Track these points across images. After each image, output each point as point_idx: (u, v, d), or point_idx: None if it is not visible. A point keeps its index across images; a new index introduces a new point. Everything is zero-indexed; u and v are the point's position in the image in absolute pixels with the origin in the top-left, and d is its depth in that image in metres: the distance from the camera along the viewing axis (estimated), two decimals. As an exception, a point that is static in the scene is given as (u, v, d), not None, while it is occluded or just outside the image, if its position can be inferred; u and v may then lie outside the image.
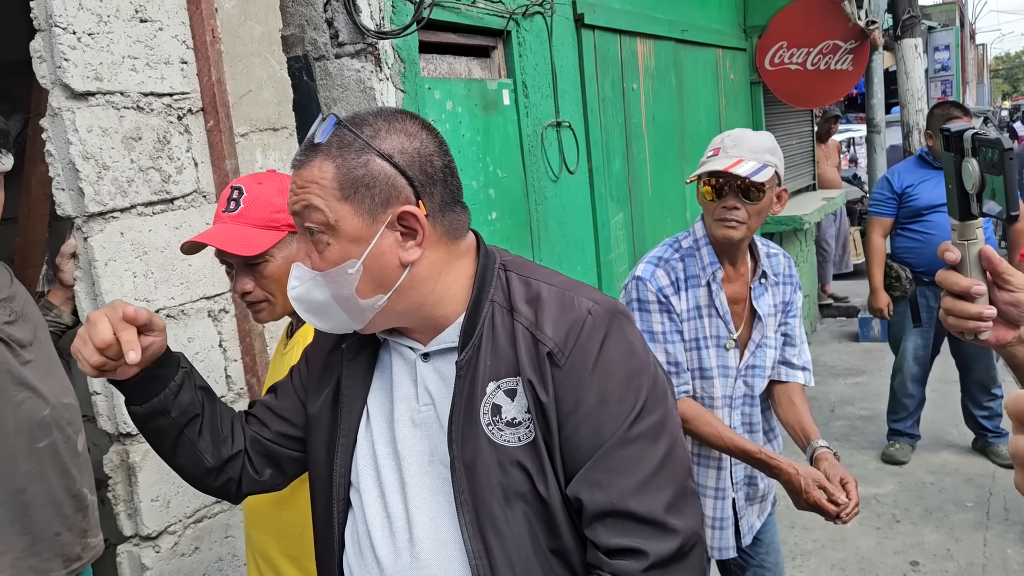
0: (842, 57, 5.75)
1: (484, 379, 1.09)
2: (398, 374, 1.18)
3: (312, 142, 1.08)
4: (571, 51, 3.58)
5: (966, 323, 0.99)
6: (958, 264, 0.99)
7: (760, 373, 2.20)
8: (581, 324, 1.07)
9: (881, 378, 5.68)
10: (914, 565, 3.49)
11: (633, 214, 4.13)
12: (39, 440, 1.65)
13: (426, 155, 1.08)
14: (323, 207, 1.05)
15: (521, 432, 1.07)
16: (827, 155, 7.92)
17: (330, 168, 1.05)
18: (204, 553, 2.08)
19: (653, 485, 1.04)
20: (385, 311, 1.10)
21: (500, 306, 1.12)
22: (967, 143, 0.94)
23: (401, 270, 1.07)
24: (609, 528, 1.04)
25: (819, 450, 2.09)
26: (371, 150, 1.05)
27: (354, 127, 1.07)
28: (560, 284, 1.14)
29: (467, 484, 1.07)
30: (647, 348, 1.13)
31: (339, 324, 1.13)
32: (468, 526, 1.07)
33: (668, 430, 1.09)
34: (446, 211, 1.10)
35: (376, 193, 1.05)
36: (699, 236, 2.12)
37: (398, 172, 1.05)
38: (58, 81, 1.79)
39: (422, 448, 1.14)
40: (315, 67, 2.56)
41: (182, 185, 2.04)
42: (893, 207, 4.31)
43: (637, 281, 2.09)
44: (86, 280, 1.86)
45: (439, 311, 1.13)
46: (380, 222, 1.05)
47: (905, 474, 4.33)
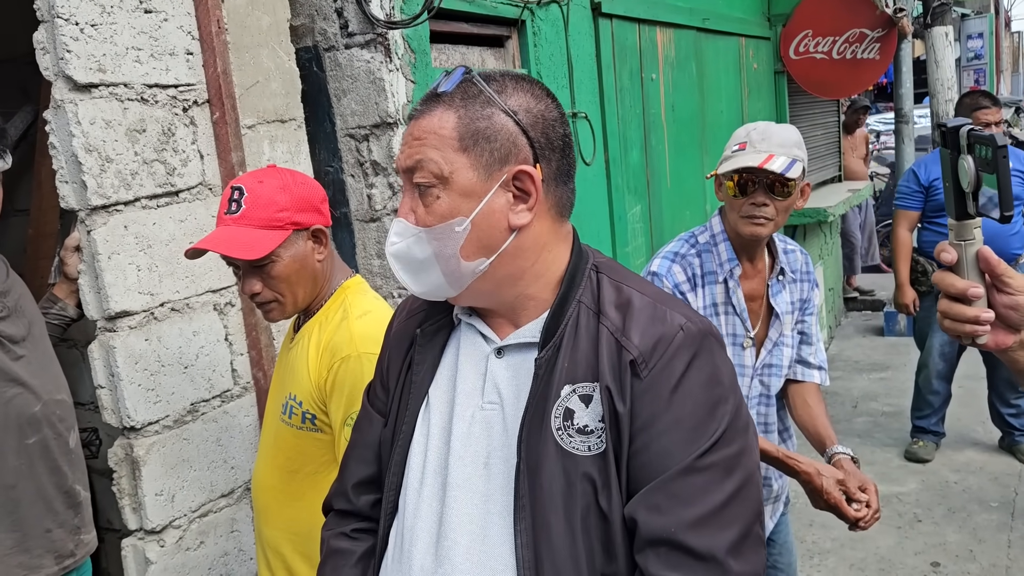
0: (869, 46, 5.62)
1: (560, 381, 1.04)
2: (465, 365, 1.13)
3: (435, 92, 1.05)
4: (588, 40, 3.53)
5: (963, 327, 0.95)
6: (955, 265, 0.95)
7: (777, 372, 2.15)
8: (671, 339, 1.02)
9: (906, 374, 5.58)
10: (935, 566, 3.42)
11: (651, 206, 4.08)
12: (28, 436, 1.65)
13: (549, 119, 1.06)
14: (438, 158, 1.03)
15: (592, 441, 1.02)
16: (854, 146, 7.79)
17: (451, 118, 1.03)
18: (209, 548, 2.07)
19: (715, 521, 0.98)
20: (484, 278, 1.07)
21: (587, 308, 1.08)
22: (963, 139, 0.90)
23: (508, 234, 1.05)
24: (661, 558, 0.98)
25: (837, 456, 2.04)
26: (496, 103, 1.03)
27: (482, 79, 1.05)
28: (653, 295, 1.09)
29: (528, 488, 1.03)
30: (734, 378, 1.07)
31: (433, 287, 1.09)
32: (523, 533, 1.02)
33: (743, 467, 1.02)
34: (559, 183, 1.08)
35: (496, 147, 1.02)
36: (716, 231, 2.07)
37: (520, 130, 1.03)
38: (61, 73, 1.77)
39: (478, 449, 1.08)
40: (324, 58, 2.53)
41: (187, 178, 2.02)
42: (920, 200, 4.22)
43: (652, 276, 2.04)
44: (89, 274, 1.85)
45: (531, 291, 1.10)
46: (495, 179, 1.03)
47: (928, 472, 4.25)
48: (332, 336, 1.57)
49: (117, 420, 1.91)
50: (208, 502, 2.07)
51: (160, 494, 1.95)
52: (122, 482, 1.93)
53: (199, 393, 2.04)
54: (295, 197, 1.58)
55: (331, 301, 1.66)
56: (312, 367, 1.57)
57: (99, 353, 1.88)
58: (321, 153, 2.61)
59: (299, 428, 1.60)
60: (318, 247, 1.62)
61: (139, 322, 1.91)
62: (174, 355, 1.98)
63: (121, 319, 1.87)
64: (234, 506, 2.13)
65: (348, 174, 2.61)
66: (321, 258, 1.63)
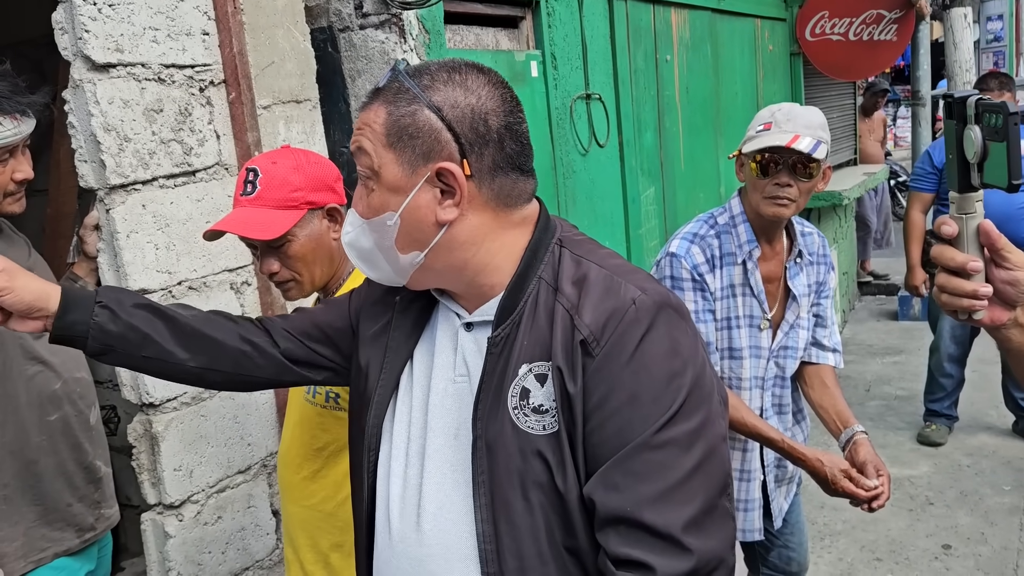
0: (886, 27, 5.57)
1: (518, 360, 1.04)
2: (441, 339, 1.15)
3: (376, 87, 1.07)
4: (602, 21, 3.51)
5: (960, 301, 0.94)
6: (955, 239, 0.94)
7: (792, 354, 2.16)
8: (623, 314, 1.00)
9: (920, 358, 5.57)
10: (946, 548, 3.43)
11: (665, 188, 4.07)
12: (50, 413, 1.67)
13: (481, 112, 1.03)
14: (371, 151, 1.04)
15: (546, 420, 1.02)
16: (871, 129, 7.73)
17: (383, 113, 1.04)
18: (227, 522, 2.11)
19: (674, 497, 0.96)
20: (424, 269, 1.08)
21: (547, 284, 1.07)
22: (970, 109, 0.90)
23: (437, 228, 1.04)
24: (621, 536, 0.97)
25: (857, 435, 2.05)
26: (421, 100, 1.02)
27: (411, 75, 1.04)
28: (612, 268, 1.07)
29: (487, 465, 1.04)
30: (696, 347, 1.04)
31: (385, 275, 1.12)
32: (482, 508, 1.04)
33: (705, 439, 1.00)
34: (497, 175, 1.05)
35: (418, 144, 1.02)
36: (736, 212, 2.06)
37: (445, 126, 1.02)
38: (79, 53, 1.79)
39: (449, 421, 1.11)
40: (339, 38, 2.54)
41: (204, 158, 2.04)
42: (934, 182, 4.20)
43: (671, 258, 2.04)
44: (108, 252, 1.88)
45: (483, 279, 1.09)
46: (419, 175, 1.03)
47: (941, 456, 4.25)
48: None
49: (136, 397, 1.94)
50: (225, 478, 2.10)
51: (179, 469, 1.98)
52: (141, 458, 1.96)
53: (216, 371, 2.06)
54: (309, 177, 1.60)
55: (350, 280, 1.68)
56: None
57: (118, 330, 1.90)
58: (335, 134, 2.62)
59: (323, 407, 1.62)
60: (333, 225, 1.64)
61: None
62: (191, 333, 2.00)
63: (140, 297, 1.89)
64: (251, 482, 2.17)
65: (362, 155, 2.62)
66: (337, 236, 1.64)
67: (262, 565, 2.20)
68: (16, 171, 1.65)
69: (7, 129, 1.59)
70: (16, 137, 1.62)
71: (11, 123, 1.61)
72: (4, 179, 1.63)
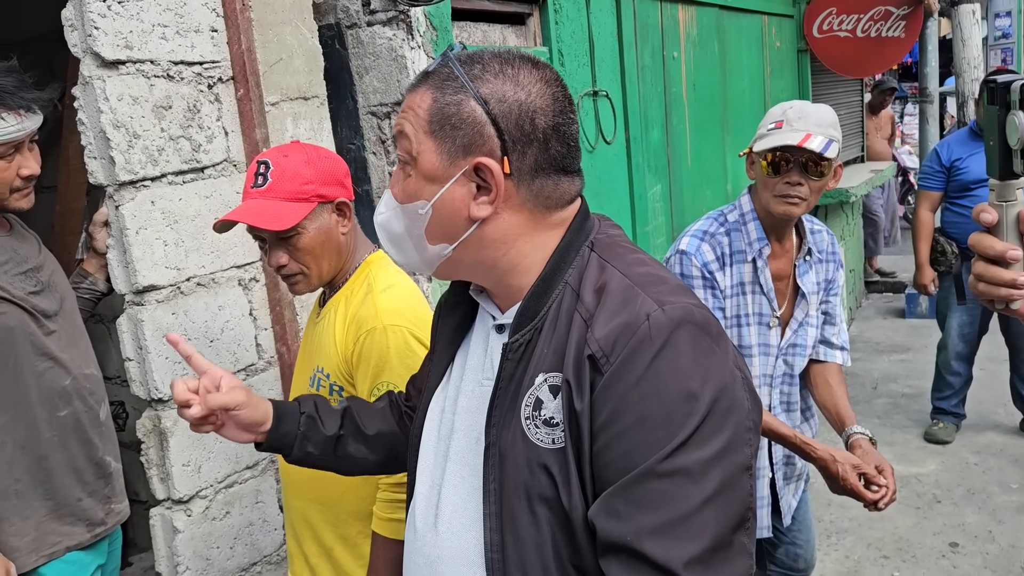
0: (894, 24, 5.55)
1: (536, 368, 1.00)
2: (475, 341, 1.14)
3: (426, 71, 1.05)
4: (610, 18, 3.51)
5: (997, 290, 0.91)
6: (994, 227, 0.91)
7: (801, 352, 2.16)
8: (634, 330, 0.93)
9: (927, 355, 5.56)
10: (953, 546, 3.43)
11: (671, 185, 4.07)
12: (60, 409, 1.68)
13: (528, 110, 0.99)
14: (411, 135, 1.02)
15: (556, 434, 0.97)
16: (878, 127, 7.71)
17: (428, 99, 1.01)
18: (235, 518, 2.11)
19: (679, 531, 0.89)
20: (452, 262, 1.06)
21: (572, 289, 1.01)
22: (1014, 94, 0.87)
23: (468, 224, 1.02)
24: (622, 564, 0.91)
25: (855, 436, 2.04)
26: (469, 89, 0.99)
27: (462, 63, 1.01)
28: (635, 276, 1.00)
29: (498, 474, 1.01)
30: (723, 367, 0.95)
31: (411, 261, 1.10)
32: (491, 517, 1.01)
33: (722, 468, 0.91)
34: (538, 176, 1.01)
35: (460, 135, 0.99)
36: (746, 210, 2.06)
37: (489, 120, 0.99)
38: (89, 49, 1.80)
39: (473, 424, 1.08)
40: (347, 35, 2.54)
41: (212, 154, 2.04)
42: (941, 181, 4.18)
43: (681, 255, 2.03)
44: (118, 248, 1.89)
45: (512, 279, 1.06)
46: (457, 167, 1.00)
47: (948, 454, 4.24)
48: (358, 310, 1.59)
49: (145, 392, 1.95)
50: (233, 473, 2.11)
51: (187, 465, 1.99)
52: (150, 453, 1.97)
53: (224, 366, 2.07)
54: (320, 170, 1.60)
55: (355, 275, 1.69)
56: (339, 340, 1.60)
57: (127, 326, 1.91)
58: (343, 130, 2.62)
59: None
60: (342, 220, 1.64)
61: (166, 296, 1.94)
62: (200, 329, 2.01)
63: (149, 293, 1.90)
64: (259, 477, 2.17)
65: (370, 151, 2.63)
66: (345, 231, 1.65)
67: (270, 560, 2.21)
68: (22, 167, 1.65)
69: (10, 125, 1.59)
70: (20, 133, 1.62)
71: (15, 119, 1.61)
72: (9, 175, 1.63)
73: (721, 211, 2.12)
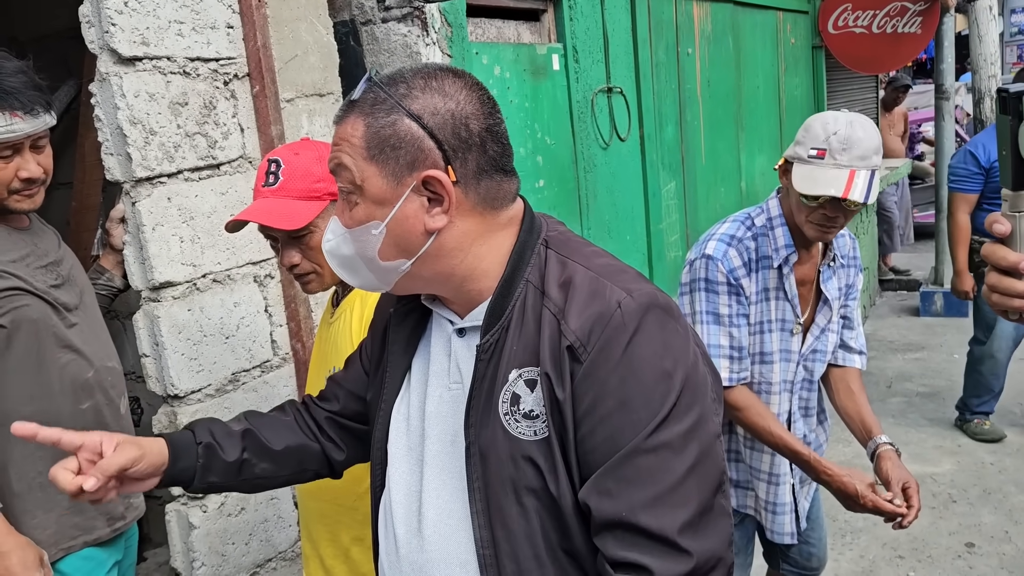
0: (910, 19, 5.51)
1: (508, 365, 1.03)
2: (435, 347, 1.15)
3: (350, 99, 1.05)
4: (624, 14, 3.50)
5: (1012, 301, 0.92)
6: (1008, 238, 0.91)
7: (821, 358, 2.13)
8: (608, 318, 0.98)
9: (941, 354, 5.51)
10: (969, 547, 3.40)
11: (685, 183, 4.05)
12: (82, 402, 1.69)
13: (461, 117, 1.02)
14: (351, 166, 1.03)
15: (537, 426, 1.01)
16: (891, 124, 7.65)
17: (360, 126, 1.02)
18: (250, 514, 2.12)
19: (669, 500, 0.96)
20: (411, 276, 1.07)
21: (534, 287, 1.05)
22: None
23: (426, 237, 1.03)
24: (617, 539, 0.97)
25: (882, 448, 2.02)
26: (400, 109, 1.01)
27: (387, 85, 1.03)
28: (598, 269, 1.05)
29: (481, 472, 1.04)
30: (687, 345, 1.03)
31: (367, 282, 1.11)
32: (479, 515, 1.04)
33: (699, 439, 0.99)
34: (482, 178, 1.04)
35: (402, 155, 1.01)
36: (774, 215, 2.00)
37: (427, 134, 1.00)
38: (105, 46, 1.80)
39: (446, 428, 1.11)
40: (361, 32, 2.54)
41: (228, 151, 2.04)
42: (979, 182, 4.06)
43: (707, 260, 1.98)
44: (134, 244, 1.89)
45: (470, 284, 1.08)
46: (405, 185, 1.01)
47: (964, 453, 4.21)
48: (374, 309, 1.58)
49: (161, 388, 1.95)
50: (249, 470, 2.11)
51: (203, 461, 1.99)
52: (166, 449, 1.97)
53: (240, 363, 2.08)
54: None
55: None
56: (356, 340, 1.59)
57: (144, 323, 1.92)
58: (358, 127, 2.62)
59: None
60: None
61: (182, 292, 1.94)
62: (216, 325, 2.02)
63: (165, 289, 1.91)
64: (273, 474, 2.18)
65: (384, 148, 2.62)
66: None
67: (285, 556, 2.22)
68: (21, 169, 1.63)
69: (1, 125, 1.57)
70: (12, 135, 1.57)
71: (6, 120, 1.57)
72: (7, 175, 1.61)
73: (748, 214, 2.06)
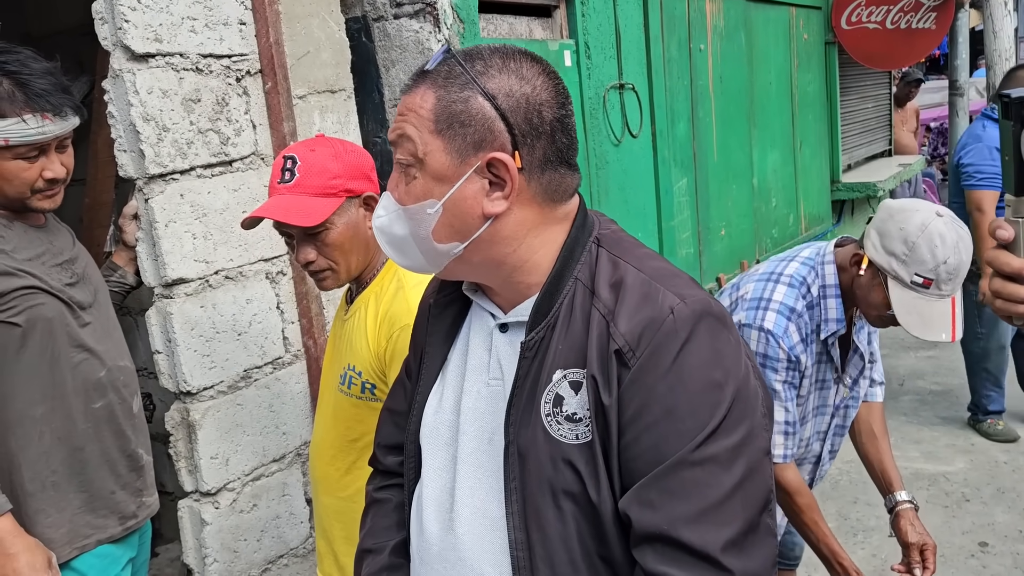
0: (924, 15, 5.46)
1: (552, 365, 1.00)
2: (475, 340, 1.12)
3: (422, 69, 1.03)
4: (636, 10, 3.48)
5: (1015, 307, 0.92)
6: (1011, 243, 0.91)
7: (855, 404, 2.10)
8: (660, 324, 0.95)
9: (954, 352, 5.47)
10: (983, 546, 3.37)
11: (697, 180, 4.03)
12: (95, 401, 1.69)
13: (535, 103, 0.99)
14: (416, 137, 1.00)
15: (580, 429, 0.98)
16: (904, 120, 7.59)
17: (431, 98, 0.99)
18: (262, 510, 2.12)
19: (713, 517, 0.92)
20: (461, 260, 1.04)
21: (584, 286, 1.02)
22: None
23: (481, 221, 1.00)
24: (657, 553, 0.93)
25: (901, 506, 2.00)
26: (475, 86, 0.98)
27: (464, 59, 1.00)
28: (651, 271, 1.01)
29: (519, 472, 1.01)
30: (739, 357, 0.99)
31: (415, 263, 1.08)
32: (514, 515, 1.01)
33: (747, 455, 0.95)
34: (547, 169, 1.02)
35: (470, 132, 0.98)
36: (828, 284, 1.91)
37: (499, 115, 0.98)
38: (119, 43, 1.80)
39: (483, 425, 1.08)
40: (373, 28, 2.53)
41: (240, 147, 2.04)
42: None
43: (767, 336, 1.87)
44: (147, 241, 1.89)
45: (519, 276, 1.05)
46: (468, 165, 0.98)
47: (977, 452, 4.18)
48: (389, 306, 1.58)
49: (174, 385, 1.96)
50: (261, 466, 2.11)
51: (215, 457, 2.00)
52: (178, 445, 1.98)
53: (252, 360, 2.08)
54: (347, 165, 1.59)
55: (384, 271, 1.67)
56: (371, 338, 1.59)
57: (156, 319, 1.92)
58: (369, 124, 2.62)
59: (358, 398, 1.62)
60: (369, 214, 1.63)
61: (195, 289, 1.94)
62: (228, 322, 2.02)
63: (177, 286, 1.91)
64: (286, 471, 2.18)
65: (396, 145, 2.62)
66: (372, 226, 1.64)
67: (296, 553, 2.22)
68: (46, 169, 1.64)
69: (30, 127, 1.57)
70: (41, 137, 1.59)
71: (38, 121, 1.58)
72: (31, 175, 1.62)
73: (803, 279, 1.92)
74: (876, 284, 1.83)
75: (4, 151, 1.58)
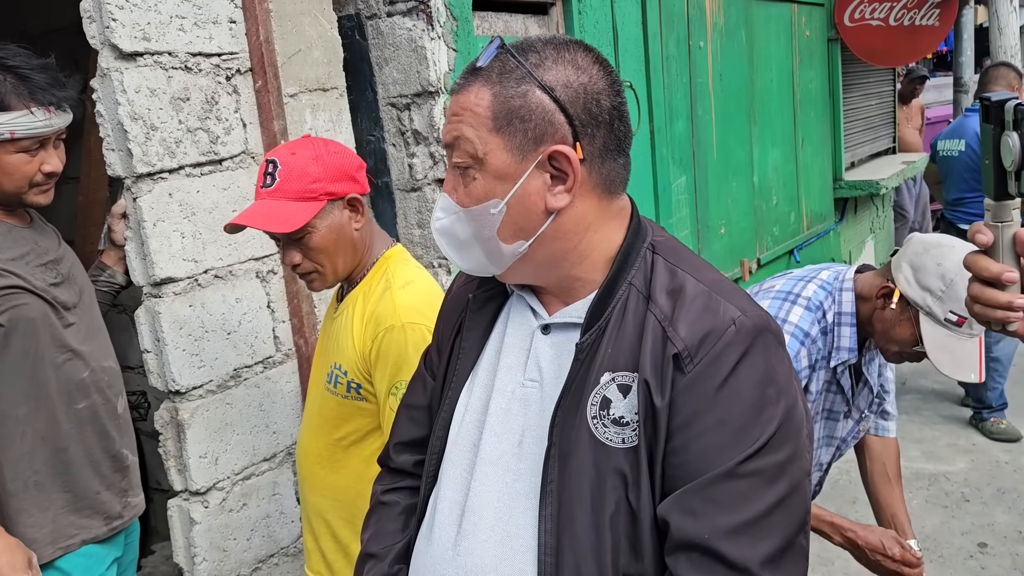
0: (928, 12, 5.42)
1: (601, 367, 1.00)
2: (511, 339, 1.10)
3: (474, 66, 1.01)
4: (634, 7, 3.46)
5: (994, 312, 0.92)
6: (990, 248, 0.91)
7: (856, 435, 2.08)
8: (721, 334, 0.95)
9: (958, 351, 5.43)
10: (982, 547, 3.36)
11: (696, 177, 4.01)
12: (78, 401, 1.69)
13: (593, 92, 0.99)
14: (473, 137, 0.99)
15: (626, 434, 0.97)
16: (908, 117, 7.55)
17: (487, 95, 0.98)
18: (252, 510, 2.12)
19: (754, 531, 0.92)
20: (525, 259, 1.03)
21: (638, 291, 1.02)
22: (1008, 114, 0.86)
23: (545, 216, 1.00)
24: (693, 563, 0.92)
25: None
26: (532, 79, 0.97)
27: (519, 53, 0.99)
28: (710, 283, 1.01)
29: (558, 475, 0.99)
30: (791, 377, 1.00)
31: (478, 265, 1.07)
32: (547, 519, 0.99)
33: (790, 474, 0.95)
34: (606, 159, 1.01)
35: (530, 127, 0.97)
36: (845, 311, 1.88)
37: (558, 108, 0.97)
38: (106, 41, 1.79)
39: (512, 426, 1.06)
40: (366, 26, 2.52)
41: (230, 146, 2.04)
42: None
43: None
44: (136, 240, 1.89)
45: (577, 272, 1.05)
46: (530, 160, 0.98)
47: (978, 452, 4.16)
48: (376, 307, 1.57)
49: (163, 384, 1.95)
50: (251, 465, 2.11)
51: (204, 457, 1.99)
52: (167, 444, 1.97)
53: (242, 359, 2.08)
54: (328, 167, 1.58)
55: (373, 271, 1.67)
56: (357, 337, 1.59)
57: (145, 318, 1.92)
58: (362, 122, 2.61)
59: (344, 397, 1.62)
60: (355, 216, 1.62)
61: (183, 288, 1.94)
62: (217, 321, 2.01)
63: (166, 285, 1.91)
64: (276, 470, 2.18)
65: (389, 143, 2.61)
66: (358, 227, 1.63)
67: (287, 552, 2.22)
68: (45, 163, 1.66)
69: (38, 120, 1.61)
70: (47, 129, 1.63)
71: (44, 114, 1.62)
72: (31, 169, 1.64)
73: (819, 304, 1.89)
74: (905, 319, 1.79)
75: (8, 144, 1.61)
